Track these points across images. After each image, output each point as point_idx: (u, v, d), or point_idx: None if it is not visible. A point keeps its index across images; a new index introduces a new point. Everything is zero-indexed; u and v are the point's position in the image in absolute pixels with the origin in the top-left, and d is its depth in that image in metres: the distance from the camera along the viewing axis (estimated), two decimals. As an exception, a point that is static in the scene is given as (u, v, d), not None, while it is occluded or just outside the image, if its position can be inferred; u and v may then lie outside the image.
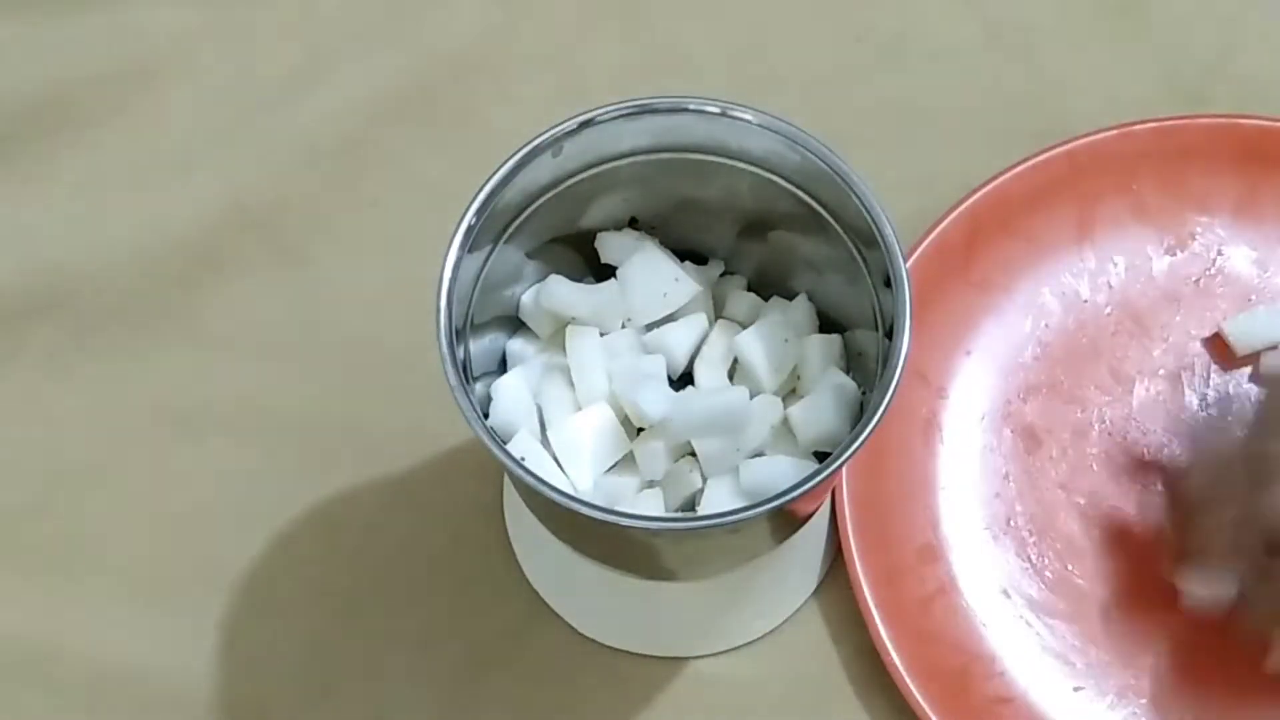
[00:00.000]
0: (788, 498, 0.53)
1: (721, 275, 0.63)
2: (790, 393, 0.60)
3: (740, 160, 0.59)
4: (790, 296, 0.62)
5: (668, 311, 0.60)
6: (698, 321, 0.61)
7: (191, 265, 0.71)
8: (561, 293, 0.60)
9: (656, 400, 0.57)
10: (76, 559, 0.67)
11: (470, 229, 0.56)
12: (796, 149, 0.57)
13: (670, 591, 0.64)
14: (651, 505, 0.58)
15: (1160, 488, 0.66)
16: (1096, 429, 0.67)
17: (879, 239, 0.56)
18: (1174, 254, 0.70)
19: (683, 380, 0.61)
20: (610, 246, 0.61)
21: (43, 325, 0.70)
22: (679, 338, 0.60)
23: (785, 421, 0.59)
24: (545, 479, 0.53)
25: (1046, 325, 0.69)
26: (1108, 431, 0.67)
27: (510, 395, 0.59)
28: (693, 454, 0.59)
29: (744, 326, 0.61)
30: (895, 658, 0.62)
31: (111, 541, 0.67)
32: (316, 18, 0.76)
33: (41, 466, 0.68)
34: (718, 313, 0.62)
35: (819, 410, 0.58)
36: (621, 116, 0.57)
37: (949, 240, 0.69)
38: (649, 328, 0.60)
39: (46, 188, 0.73)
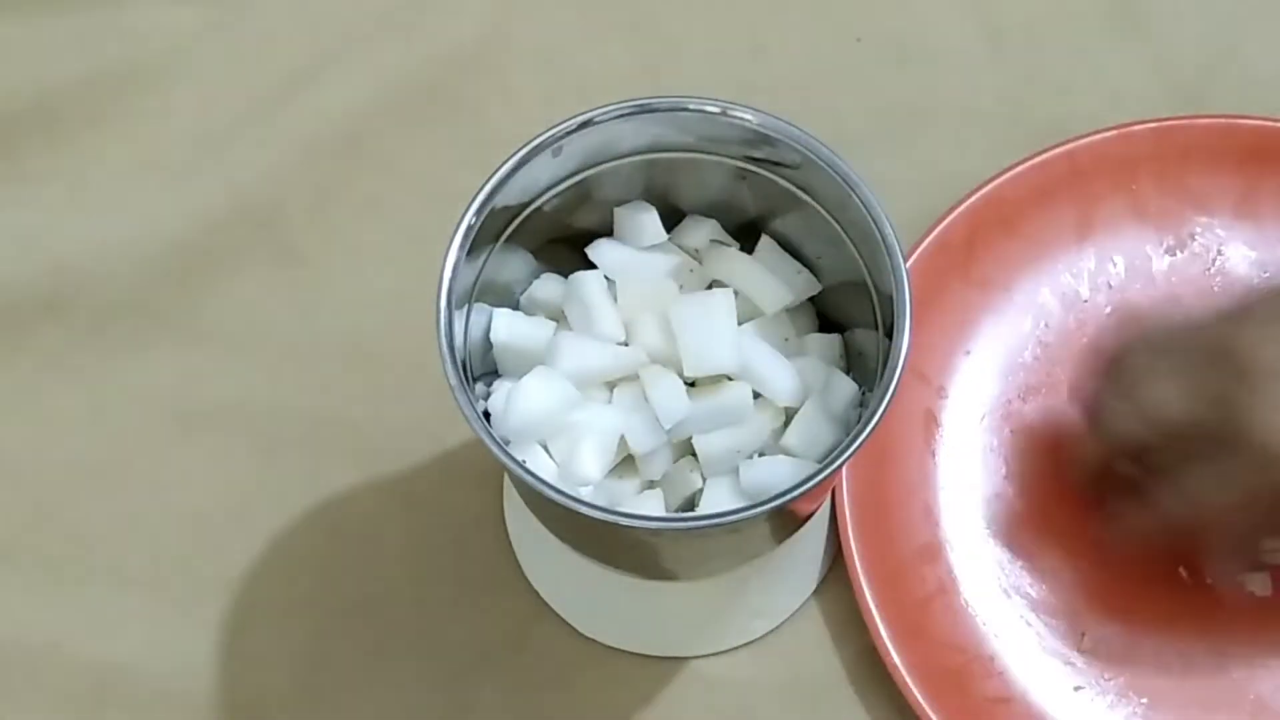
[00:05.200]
0: (788, 498, 0.53)
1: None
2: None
3: (740, 160, 0.59)
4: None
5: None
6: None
7: (191, 265, 0.71)
8: (555, 290, 0.60)
9: (675, 402, 0.57)
10: (76, 559, 0.67)
11: (470, 229, 0.56)
12: (796, 149, 0.57)
13: (670, 591, 0.64)
14: (651, 505, 0.58)
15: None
16: (1096, 429, 0.68)
17: (879, 239, 0.56)
18: (1174, 254, 0.70)
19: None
20: (604, 254, 0.60)
21: (43, 325, 0.70)
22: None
23: (784, 429, 0.59)
24: (546, 479, 0.53)
25: (1046, 325, 0.69)
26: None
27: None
28: (693, 454, 0.59)
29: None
30: (895, 658, 0.62)
31: (111, 541, 0.67)
32: (316, 18, 0.76)
33: (42, 466, 0.68)
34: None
35: (812, 429, 0.58)
36: (621, 116, 0.57)
37: (949, 240, 0.69)
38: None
39: (46, 188, 0.73)
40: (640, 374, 0.58)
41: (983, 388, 0.68)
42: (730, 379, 0.58)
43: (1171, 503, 0.59)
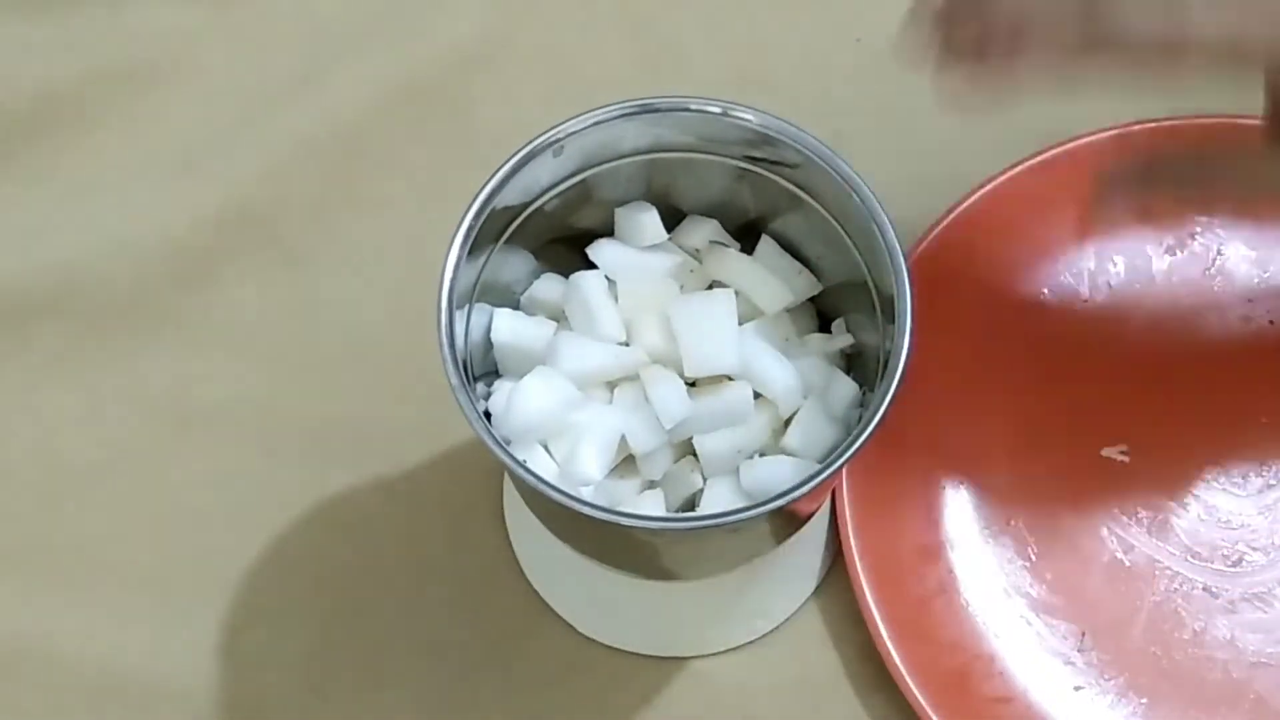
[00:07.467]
0: (788, 498, 0.53)
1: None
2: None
3: (740, 160, 0.59)
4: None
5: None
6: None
7: (192, 265, 0.71)
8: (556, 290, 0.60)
9: (676, 402, 0.57)
10: (76, 559, 0.67)
11: (470, 229, 0.56)
12: (797, 149, 0.57)
13: (670, 591, 0.64)
14: (652, 505, 0.58)
15: None
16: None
17: (879, 239, 0.56)
18: (1174, 254, 0.70)
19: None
20: (604, 254, 0.60)
21: (43, 325, 0.70)
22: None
23: (784, 429, 0.59)
24: (546, 479, 0.53)
25: (1047, 325, 0.69)
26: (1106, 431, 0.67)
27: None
28: (693, 454, 0.59)
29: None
30: (895, 658, 0.62)
31: (111, 541, 0.67)
32: (316, 18, 0.76)
33: (41, 466, 0.68)
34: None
35: (812, 429, 0.58)
36: (622, 116, 0.57)
37: (949, 240, 0.69)
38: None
39: (46, 188, 0.73)
40: (641, 374, 0.58)
41: (983, 388, 0.68)
42: (730, 379, 0.58)
43: None
